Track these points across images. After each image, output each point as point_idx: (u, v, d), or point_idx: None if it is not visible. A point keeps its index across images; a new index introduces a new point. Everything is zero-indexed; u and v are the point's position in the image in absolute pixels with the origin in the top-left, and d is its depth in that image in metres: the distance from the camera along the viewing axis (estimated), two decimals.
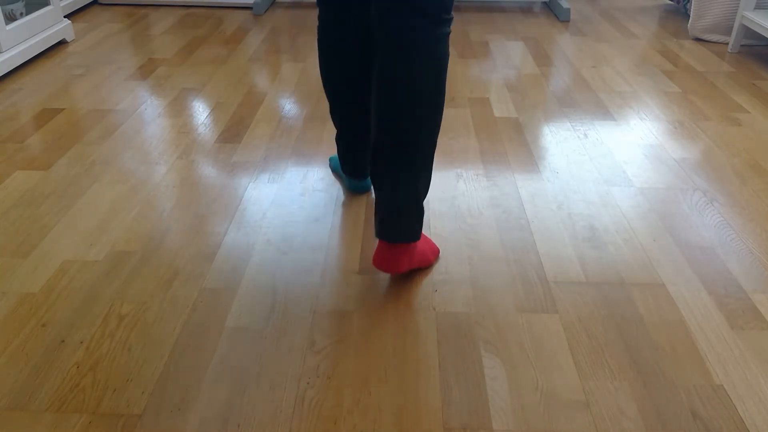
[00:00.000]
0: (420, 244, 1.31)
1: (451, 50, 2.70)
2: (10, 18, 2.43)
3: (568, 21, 3.14)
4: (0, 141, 1.86)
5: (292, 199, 1.59)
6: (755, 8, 2.59)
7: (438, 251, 1.38)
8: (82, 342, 1.14)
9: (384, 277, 1.31)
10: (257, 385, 1.06)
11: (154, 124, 1.99)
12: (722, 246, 1.42)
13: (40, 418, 0.99)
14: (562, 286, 1.29)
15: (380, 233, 1.23)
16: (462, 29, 3.01)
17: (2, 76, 2.33)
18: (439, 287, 1.29)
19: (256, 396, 1.03)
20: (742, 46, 2.75)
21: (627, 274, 1.33)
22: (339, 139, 1.51)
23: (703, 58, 2.61)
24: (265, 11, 3.24)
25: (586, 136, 1.94)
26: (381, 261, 1.24)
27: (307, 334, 1.16)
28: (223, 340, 1.15)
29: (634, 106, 2.14)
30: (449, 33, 1.11)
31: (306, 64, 2.51)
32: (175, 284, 1.29)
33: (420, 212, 1.22)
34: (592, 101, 2.18)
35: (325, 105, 2.13)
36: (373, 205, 1.49)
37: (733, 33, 2.66)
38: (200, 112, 2.07)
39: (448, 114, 2.07)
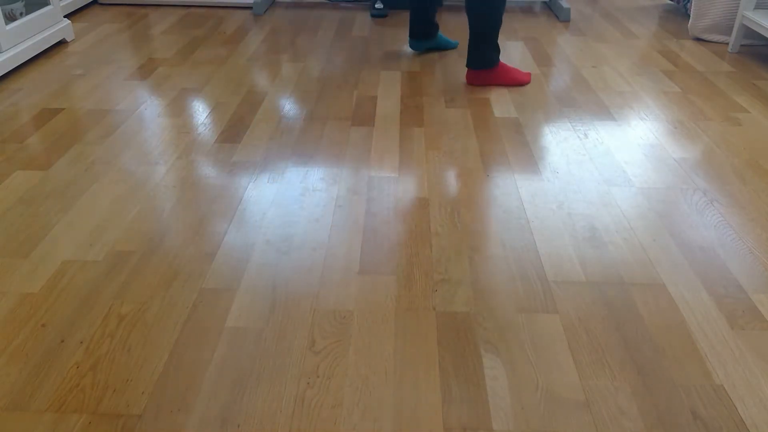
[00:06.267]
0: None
1: (451, 51, 2.70)
2: (10, 18, 2.43)
3: (568, 21, 3.14)
4: (0, 141, 1.86)
5: (292, 199, 1.59)
6: (755, 8, 2.59)
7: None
8: (82, 342, 1.14)
9: (384, 277, 1.31)
10: (257, 385, 1.06)
11: (154, 124, 1.99)
12: (722, 246, 1.42)
13: (40, 418, 0.99)
14: (562, 286, 1.29)
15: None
16: (462, 29, 3.01)
17: (2, 76, 2.33)
18: (439, 287, 1.29)
19: (256, 396, 1.03)
20: (742, 46, 2.75)
21: (627, 274, 1.33)
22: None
23: (703, 58, 2.61)
24: (265, 11, 3.24)
25: (586, 136, 1.94)
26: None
27: (307, 334, 1.16)
28: (223, 340, 1.15)
29: (634, 106, 2.14)
30: None
31: (306, 64, 2.51)
32: (175, 284, 1.29)
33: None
34: (592, 101, 2.18)
35: (324, 105, 2.13)
36: (372, 201, 1.51)
37: (734, 33, 2.66)
38: (200, 112, 2.07)
39: (449, 114, 2.07)
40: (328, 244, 1.42)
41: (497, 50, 2.26)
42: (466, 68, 2.33)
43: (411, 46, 2.59)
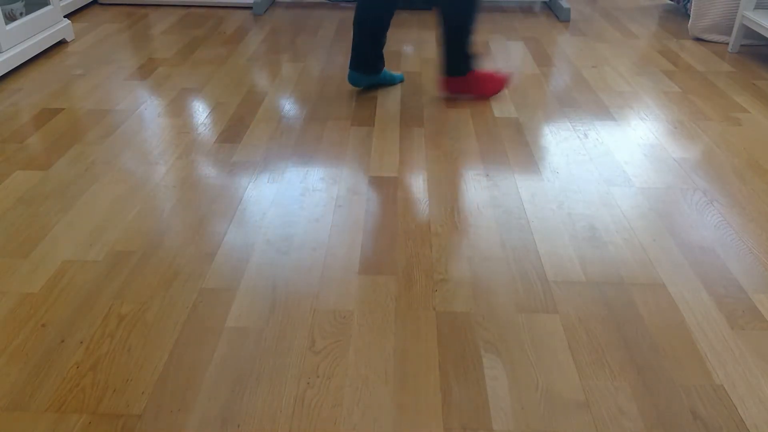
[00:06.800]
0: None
1: None
2: (10, 18, 2.43)
3: (568, 21, 3.14)
4: (0, 141, 1.86)
5: (292, 199, 1.59)
6: (755, 8, 2.59)
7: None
8: (82, 342, 1.14)
9: (384, 277, 1.31)
10: (257, 385, 1.06)
11: (154, 124, 1.99)
12: (722, 246, 1.42)
13: (40, 418, 0.99)
14: (562, 286, 1.29)
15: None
16: None
17: (2, 76, 2.33)
18: (439, 287, 1.29)
19: (256, 396, 1.03)
20: (742, 45, 2.75)
21: (627, 274, 1.33)
22: (367, 39, 2.10)
23: (703, 58, 2.61)
24: (265, 11, 3.24)
25: (586, 136, 1.94)
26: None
27: (307, 334, 1.16)
28: (223, 340, 1.15)
29: (634, 106, 2.14)
30: None
31: (306, 64, 2.51)
32: (175, 284, 1.29)
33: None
34: (592, 101, 2.18)
35: (324, 105, 2.13)
36: (372, 201, 1.51)
37: (733, 33, 2.66)
38: (200, 112, 2.07)
39: (449, 114, 2.07)
40: (328, 244, 1.42)
41: (472, 56, 2.12)
42: (440, 77, 2.20)
43: (350, 79, 2.21)
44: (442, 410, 1.01)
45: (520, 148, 1.85)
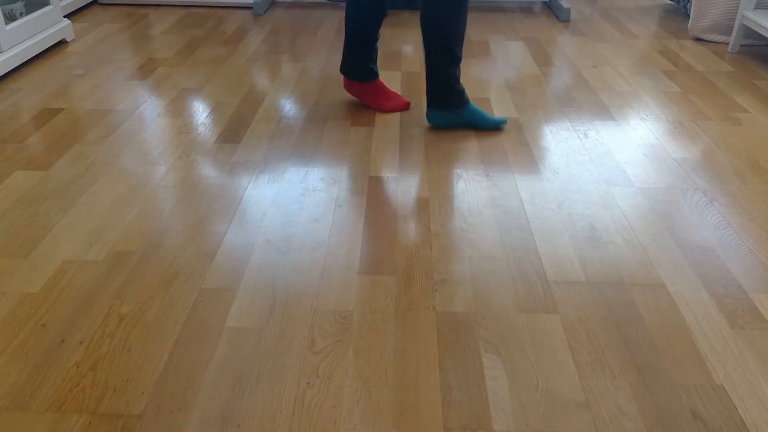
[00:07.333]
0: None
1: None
2: (10, 18, 2.43)
3: (568, 21, 3.14)
4: (0, 141, 1.86)
5: (292, 199, 1.59)
6: (755, 8, 2.59)
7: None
8: (82, 342, 1.14)
9: (384, 277, 1.31)
10: (257, 385, 1.06)
11: (154, 124, 1.99)
12: (722, 246, 1.42)
13: (40, 418, 0.99)
14: (562, 286, 1.29)
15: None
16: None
17: (2, 76, 2.33)
18: (439, 287, 1.29)
19: (256, 396, 1.03)
20: (742, 45, 2.75)
21: (627, 274, 1.33)
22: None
23: (703, 58, 2.61)
24: (265, 11, 3.24)
25: (586, 136, 1.94)
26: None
27: (307, 334, 1.16)
28: (223, 340, 1.15)
29: (634, 106, 2.14)
30: None
31: (306, 64, 2.51)
32: (175, 284, 1.29)
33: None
34: (592, 101, 2.18)
35: (324, 105, 2.13)
36: (372, 201, 1.51)
37: (733, 33, 2.66)
38: (200, 112, 2.07)
39: None
40: (328, 244, 1.42)
41: (360, 66, 2.03)
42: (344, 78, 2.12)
43: (427, 118, 1.97)
44: (442, 410, 1.01)
45: (520, 148, 1.85)
